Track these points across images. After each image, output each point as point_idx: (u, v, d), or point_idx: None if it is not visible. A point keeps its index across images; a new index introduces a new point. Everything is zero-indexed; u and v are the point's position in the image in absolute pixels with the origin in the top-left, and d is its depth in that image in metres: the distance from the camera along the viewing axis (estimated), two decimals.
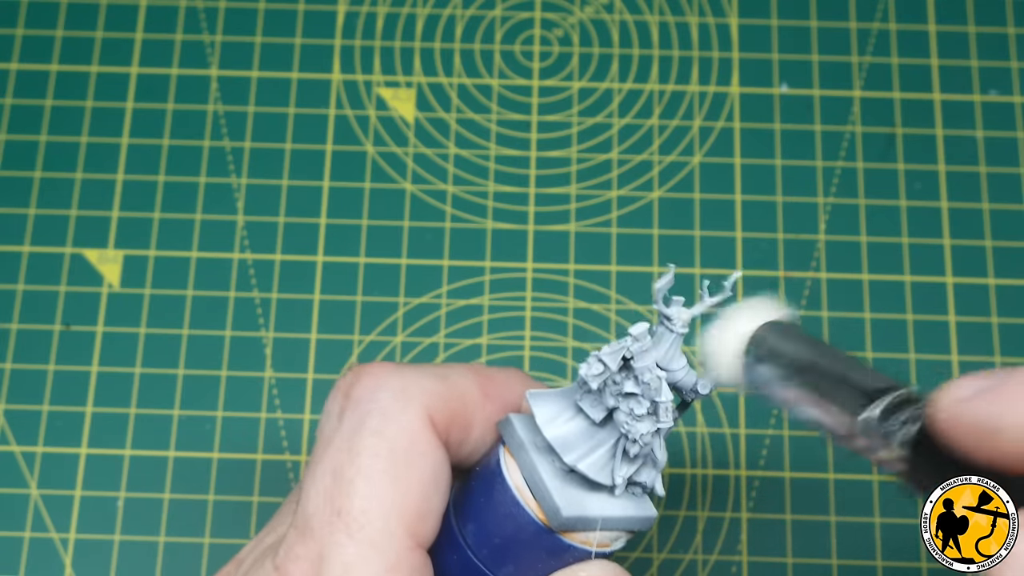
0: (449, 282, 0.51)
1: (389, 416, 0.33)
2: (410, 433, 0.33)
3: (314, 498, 0.33)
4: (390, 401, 0.34)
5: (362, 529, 0.32)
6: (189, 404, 0.49)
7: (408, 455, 0.33)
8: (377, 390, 0.34)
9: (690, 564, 0.47)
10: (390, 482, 0.33)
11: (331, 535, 0.32)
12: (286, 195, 0.52)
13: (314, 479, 0.33)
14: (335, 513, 0.32)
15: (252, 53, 0.54)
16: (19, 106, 0.53)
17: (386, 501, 0.32)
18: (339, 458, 0.33)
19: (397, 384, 0.34)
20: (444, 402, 0.34)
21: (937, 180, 0.52)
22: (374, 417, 0.33)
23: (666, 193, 0.52)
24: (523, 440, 0.34)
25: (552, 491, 0.33)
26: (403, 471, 0.33)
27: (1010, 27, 0.55)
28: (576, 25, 0.55)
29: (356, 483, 0.32)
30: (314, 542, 0.32)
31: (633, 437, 0.33)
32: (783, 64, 0.54)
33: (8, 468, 0.48)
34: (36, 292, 0.50)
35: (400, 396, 0.34)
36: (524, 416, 0.35)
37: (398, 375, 0.34)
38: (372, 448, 0.33)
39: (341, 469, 0.33)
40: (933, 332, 0.50)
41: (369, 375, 0.34)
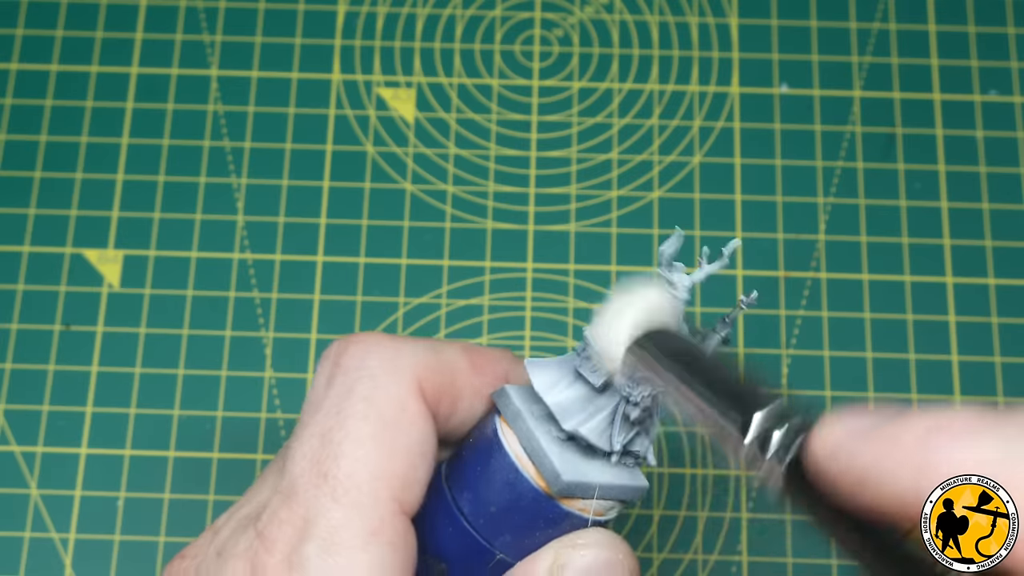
0: (449, 282, 0.51)
1: (379, 383, 0.33)
2: (399, 400, 0.33)
3: (300, 461, 0.33)
4: (380, 368, 0.33)
5: (348, 492, 0.32)
6: (189, 404, 0.49)
7: (396, 422, 0.33)
8: (367, 357, 0.34)
9: (690, 564, 0.47)
10: (378, 447, 0.33)
11: (316, 498, 0.32)
12: (286, 195, 0.52)
13: (301, 443, 0.33)
14: (321, 476, 0.32)
15: (252, 53, 0.54)
16: (19, 106, 0.53)
17: (373, 465, 0.32)
18: (327, 422, 0.33)
19: (388, 352, 0.34)
20: (434, 372, 0.34)
21: (937, 180, 0.52)
22: (364, 383, 0.33)
23: (666, 193, 0.52)
24: (519, 409, 0.34)
25: (552, 456, 0.33)
26: (391, 437, 0.33)
27: (1010, 27, 0.55)
28: (576, 25, 0.55)
29: (344, 447, 0.32)
30: (299, 505, 0.32)
31: (635, 400, 0.33)
32: (783, 64, 0.54)
33: (8, 468, 0.48)
34: (36, 292, 0.50)
35: (390, 364, 0.34)
36: (519, 387, 0.35)
37: (389, 343, 0.34)
38: (361, 412, 0.33)
39: (329, 433, 0.33)
40: (933, 332, 0.50)
41: (359, 342, 0.34)
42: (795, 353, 0.50)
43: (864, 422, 0.27)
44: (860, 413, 0.27)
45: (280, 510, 0.33)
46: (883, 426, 0.26)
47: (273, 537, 0.32)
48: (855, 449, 0.26)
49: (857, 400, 0.49)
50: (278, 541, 0.32)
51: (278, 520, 0.32)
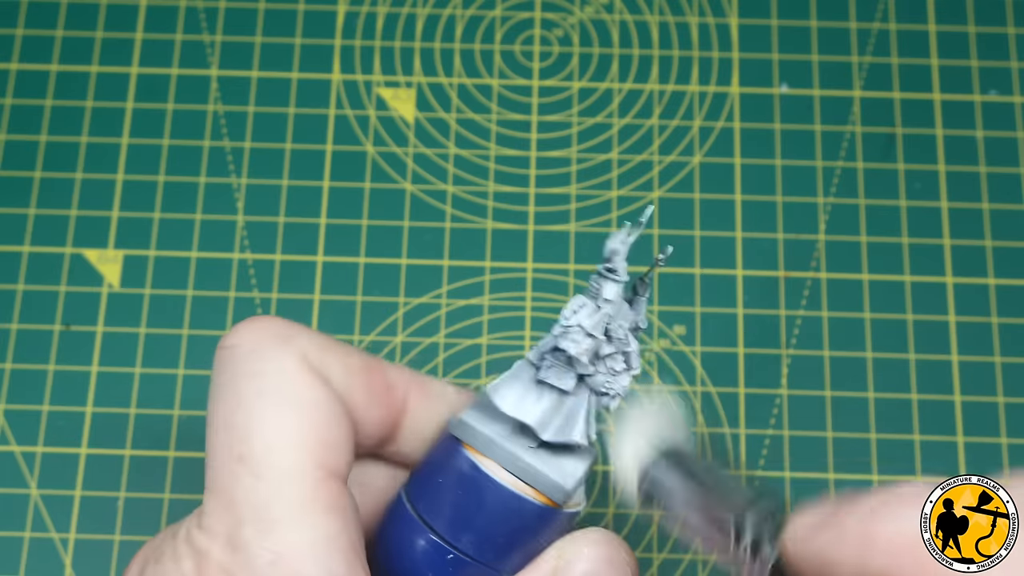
0: (449, 282, 0.51)
1: (267, 356, 0.33)
2: (291, 369, 0.33)
3: (215, 454, 0.32)
4: (268, 343, 0.33)
5: (269, 468, 0.31)
6: (189, 404, 0.49)
7: (294, 389, 0.32)
8: (252, 333, 0.33)
9: (690, 564, 0.47)
10: (283, 416, 0.32)
11: (237, 480, 0.32)
12: (286, 195, 0.52)
13: (211, 438, 0.33)
14: (237, 460, 0.32)
15: (252, 53, 0.54)
16: (19, 106, 0.53)
17: (284, 435, 0.32)
18: (227, 407, 0.32)
19: (274, 330, 0.33)
20: (322, 347, 0.34)
21: (937, 180, 0.52)
22: (252, 359, 0.33)
23: (666, 193, 0.52)
24: (489, 436, 0.34)
25: (544, 471, 0.33)
26: (293, 404, 0.32)
27: (1010, 27, 0.55)
28: (576, 25, 0.55)
29: (249, 426, 0.32)
30: (224, 492, 0.32)
31: (615, 393, 0.34)
32: (783, 64, 0.54)
33: (8, 468, 0.48)
34: (36, 292, 0.50)
35: (277, 340, 0.33)
36: (472, 412, 0.35)
37: (275, 322, 0.34)
38: (256, 388, 0.32)
39: (231, 416, 0.32)
40: (933, 332, 0.50)
41: (245, 324, 0.34)
42: (795, 353, 0.50)
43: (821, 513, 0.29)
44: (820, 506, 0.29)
45: (209, 501, 0.32)
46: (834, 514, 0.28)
47: (209, 524, 0.32)
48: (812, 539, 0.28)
49: (856, 401, 0.49)
50: (214, 526, 0.32)
51: (209, 510, 0.32)
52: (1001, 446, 0.48)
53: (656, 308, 0.50)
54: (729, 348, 0.50)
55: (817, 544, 0.28)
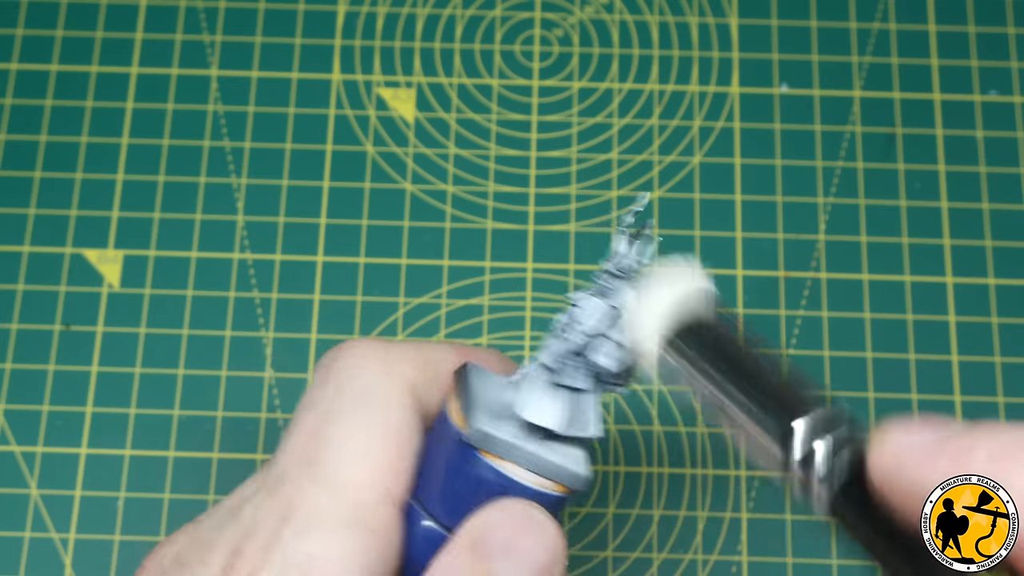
0: (449, 282, 0.51)
1: (370, 380, 0.33)
2: (390, 396, 0.33)
3: (288, 454, 0.33)
4: (372, 368, 0.34)
5: (333, 476, 0.32)
6: (189, 404, 0.49)
7: (386, 416, 0.33)
8: (360, 359, 0.34)
9: (690, 564, 0.47)
10: (366, 437, 0.33)
11: (300, 482, 0.32)
12: (286, 195, 0.52)
13: (290, 438, 0.33)
14: (307, 463, 0.32)
15: (252, 53, 0.54)
16: (19, 106, 0.53)
17: (360, 452, 0.32)
18: (317, 419, 0.33)
19: (379, 353, 0.34)
20: (422, 370, 0.34)
21: (937, 180, 0.52)
22: (356, 381, 0.33)
23: (666, 193, 0.52)
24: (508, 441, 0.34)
25: (566, 464, 0.33)
26: (380, 427, 0.33)
27: (1010, 27, 0.55)
28: (576, 25, 0.55)
29: (332, 437, 0.32)
30: (284, 492, 0.32)
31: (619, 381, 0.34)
32: (783, 64, 0.54)
33: (8, 468, 0.48)
34: (36, 292, 0.50)
35: (384, 367, 0.34)
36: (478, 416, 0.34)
37: (380, 346, 0.34)
38: (351, 407, 0.33)
39: (318, 427, 0.33)
40: (933, 332, 0.50)
41: (353, 347, 0.34)
42: (795, 353, 0.50)
43: (926, 436, 0.26)
44: (917, 426, 0.26)
45: (266, 500, 0.32)
46: (948, 443, 0.25)
47: (257, 522, 0.32)
48: (919, 464, 0.25)
49: (856, 400, 0.49)
50: (260, 526, 0.32)
51: (264, 508, 0.32)
52: None
53: None
54: None
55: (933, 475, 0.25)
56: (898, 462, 0.26)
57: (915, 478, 0.25)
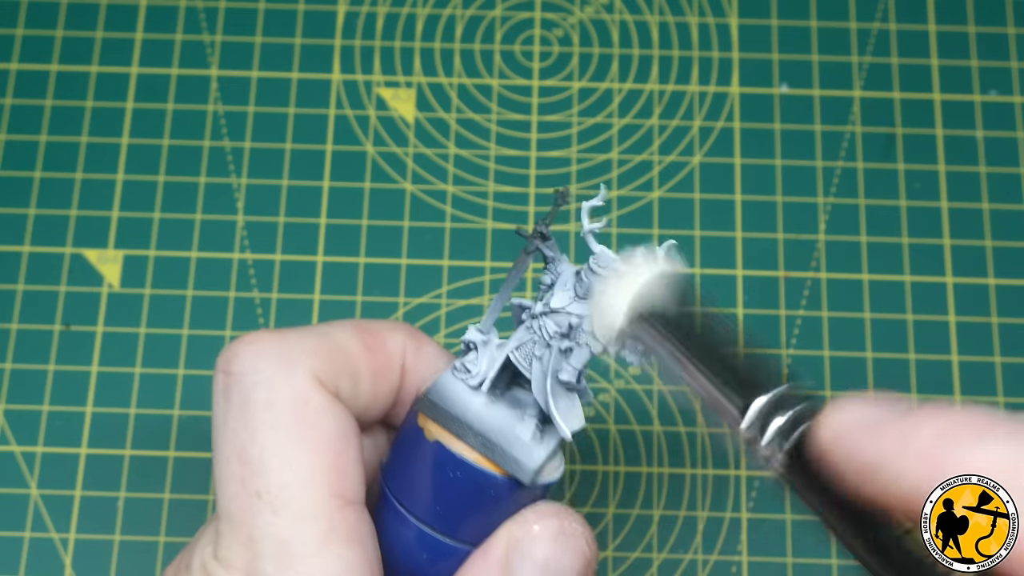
0: (449, 282, 0.51)
1: (275, 384, 0.33)
2: (301, 396, 0.33)
3: (228, 484, 0.32)
4: (271, 369, 0.33)
5: (287, 504, 0.32)
6: (189, 404, 0.49)
7: (306, 418, 0.32)
8: (257, 359, 0.33)
9: (690, 564, 0.47)
10: (298, 450, 0.32)
11: (256, 517, 0.32)
12: (286, 195, 0.52)
13: (221, 467, 0.33)
14: (255, 496, 0.32)
15: (252, 53, 0.54)
16: (19, 106, 0.53)
17: (300, 470, 0.32)
18: (239, 440, 0.32)
19: (275, 350, 0.33)
20: (326, 360, 0.33)
21: (937, 180, 0.52)
22: (260, 389, 0.33)
23: (666, 193, 0.52)
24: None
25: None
26: (306, 435, 0.32)
27: (1010, 27, 0.55)
28: (576, 25, 0.55)
29: (264, 461, 0.32)
30: (242, 527, 0.32)
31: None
32: (783, 64, 0.54)
33: (8, 468, 0.48)
34: (36, 292, 0.50)
35: (282, 362, 0.33)
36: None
37: (275, 340, 0.33)
38: (268, 421, 0.32)
39: (244, 450, 0.32)
40: (933, 332, 0.50)
41: (246, 345, 0.33)
42: (795, 353, 0.50)
43: (874, 413, 0.27)
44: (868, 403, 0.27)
45: (226, 532, 0.32)
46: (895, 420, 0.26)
47: (227, 557, 0.32)
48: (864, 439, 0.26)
49: None
50: (233, 560, 0.32)
51: (227, 543, 0.32)
52: None
53: None
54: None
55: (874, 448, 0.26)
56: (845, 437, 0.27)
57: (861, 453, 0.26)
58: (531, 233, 0.35)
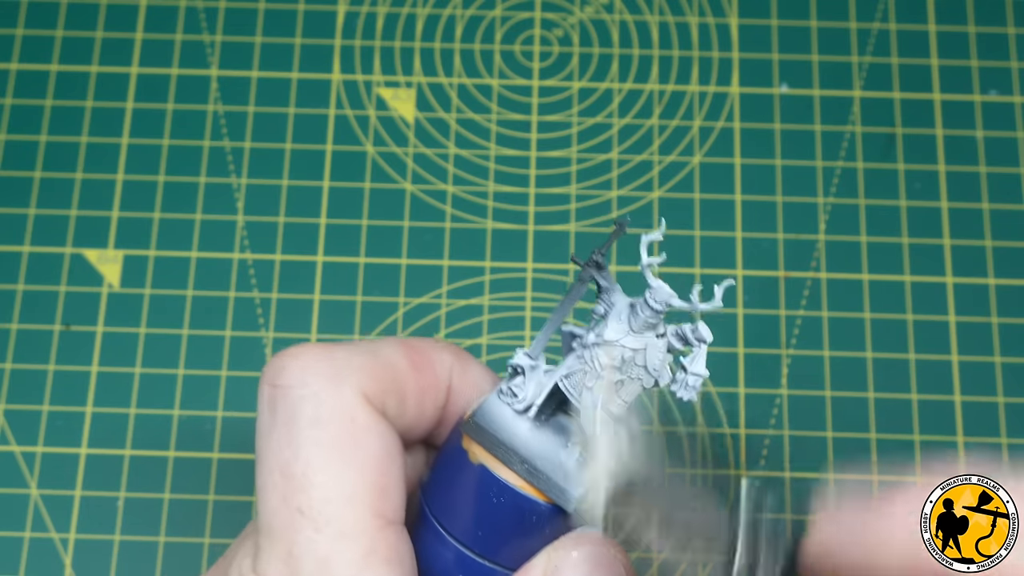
0: (449, 282, 0.51)
1: (323, 401, 0.32)
2: (348, 413, 0.32)
3: (270, 499, 0.32)
4: (320, 385, 0.33)
5: (329, 523, 0.31)
6: (189, 404, 0.49)
7: (352, 436, 0.32)
8: (305, 374, 0.33)
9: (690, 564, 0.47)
10: (342, 468, 0.32)
11: (297, 533, 0.32)
12: (286, 195, 0.52)
13: (264, 480, 0.33)
14: (297, 512, 0.32)
15: (252, 53, 0.54)
16: (19, 106, 0.53)
17: (344, 488, 0.32)
18: (283, 455, 0.32)
19: (324, 366, 0.33)
20: (374, 378, 0.33)
21: (937, 180, 0.52)
22: (307, 404, 0.32)
23: (666, 193, 0.52)
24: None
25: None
26: (351, 453, 0.32)
27: (1010, 27, 0.55)
28: (576, 25, 0.55)
29: (308, 477, 0.32)
30: (282, 543, 0.32)
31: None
32: (783, 64, 0.54)
33: (8, 468, 0.48)
34: (36, 292, 0.50)
35: (329, 378, 0.33)
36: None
37: (324, 356, 0.33)
38: (313, 438, 0.32)
39: (288, 466, 0.32)
40: (933, 332, 0.50)
41: (293, 359, 0.33)
42: (795, 353, 0.50)
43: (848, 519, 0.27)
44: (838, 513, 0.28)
45: (265, 547, 0.32)
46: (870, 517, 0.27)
47: (266, 572, 0.32)
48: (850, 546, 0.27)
49: (857, 400, 0.49)
50: (272, 574, 0.32)
51: (265, 557, 0.32)
52: (1001, 446, 0.48)
53: None
54: (729, 348, 0.50)
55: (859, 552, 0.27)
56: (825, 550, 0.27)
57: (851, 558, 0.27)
58: (586, 262, 0.35)
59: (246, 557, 0.33)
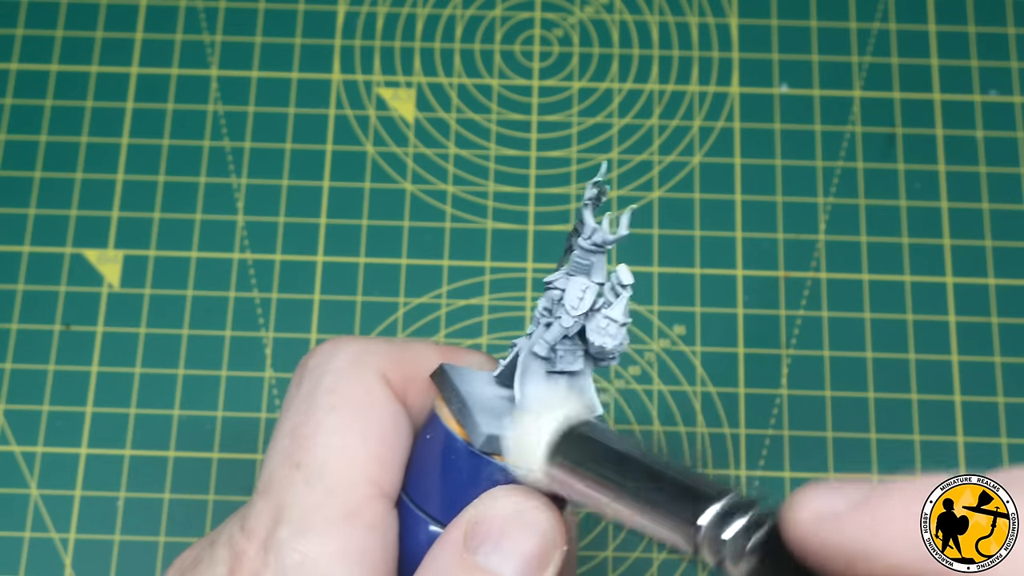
0: (449, 282, 0.51)
1: (342, 375, 0.34)
2: (364, 387, 0.34)
3: (274, 458, 0.33)
4: (344, 363, 0.34)
5: (321, 478, 0.32)
6: (189, 404, 0.49)
7: (363, 407, 0.33)
8: (332, 356, 0.34)
9: (690, 564, 0.47)
10: (347, 432, 0.33)
11: (291, 486, 0.32)
12: (286, 195, 0.52)
13: (274, 442, 0.34)
14: (294, 467, 0.33)
15: (252, 53, 0.54)
16: (19, 106, 0.53)
17: (344, 450, 0.33)
18: (296, 419, 0.33)
19: (352, 348, 0.34)
20: (399, 364, 0.35)
21: (937, 180, 0.52)
22: (328, 377, 0.34)
23: (666, 193, 0.52)
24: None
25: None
26: (359, 421, 0.33)
27: (1010, 27, 0.55)
28: (576, 25, 0.55)
29: (313, 437, 0.33)
30: (274, 495, 0.33)
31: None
32: (783, 64, 0.54)
33: (8, 468, 0.48)
34: (36, 292, 0.50)
35: (355, 359, 0.34)
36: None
37: (354, 342, 0.35)
38: (327, 404, 0.33)
39: (299, 428, 0.33)
40: (933, 332, 0.50)
41: (327, 344, 0.35)
42: (795, 353, 0.50)
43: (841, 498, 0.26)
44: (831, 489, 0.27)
45: (258, 502, 0.33)
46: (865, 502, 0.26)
47: (252, 527, 0.33)
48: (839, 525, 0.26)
49: (856, 401, 0.49)
50: (257, 528, 0.32)
51: (256, 511, 0.33)
52: (1001, 446, 0.48)
53: (656, 308, 0.50)
54: (729, 348, 0.50)
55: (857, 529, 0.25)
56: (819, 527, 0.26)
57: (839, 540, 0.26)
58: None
59: (236, 522, 0.34)
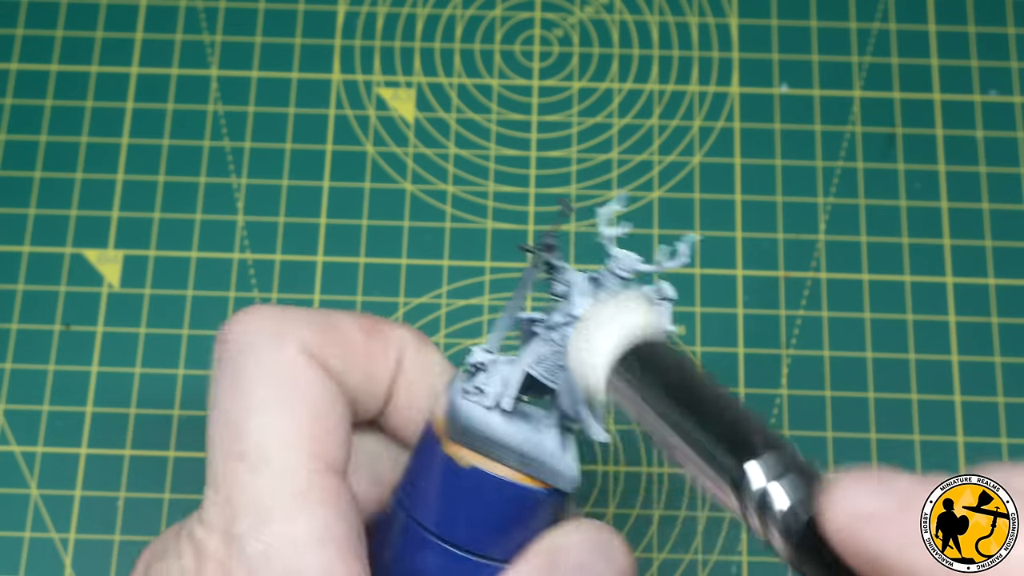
0: (449, 282, 0.51)
1: (262, 351, 0.33)
2: (286, 362, 0.33)
3: (215, 447, 0.33)
4: (263, 337, 0.33)
5: (264, 463, 0.32)
6: (189, 404, 0.49)
7: (290, 382, 0.33)
8: (249, 328, 0.34)
9: (690, 564, 0.47)
10: (277, 413, 0.33)
11: (236, 476, 0.32)
12: (286, 195, 0.52)
13: (211, 431, 0.33)
14: (237, 458, 0.32)
15: (252, 53, 0.54)
16: (19, 106, 0.53)
17: (279, 430, 0.32)
18: (224, 404, 0.33)
19: (270, 322, 0.34)
20: (318, 332, 0.34)
21: (937, 180, 0.52)
22: (247, 354, 0.33)
23: (666, 193, 0.52)
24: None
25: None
26: (288, 397, 0.33)
27: (1010, 27, 0.55)
28: (576, 25, 0.55)
29: (247, 423, 0.32)
30: (223, 487, 0.32)
31: None
32: (783, 64, 0.54)
33: (8, 468, 0.48)
34: (36, 292, 0.50)
35: (273, 331, 0.34)
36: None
37: (274, 312, 0.34)
38: (251, 387, 0.33)
39: (228, 415, 0.33)
40: (933, 332, 0.50)
41: (243, 315, 0.34)
42: (795, 353, 0.50)
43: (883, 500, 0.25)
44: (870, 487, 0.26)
45: (209, 496, 0.33)
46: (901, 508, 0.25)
47: (210, 519, 0.33)
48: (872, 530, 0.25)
49: (856, 401, 0.49)
50: (214, 521, 0.32)
51: (209, 503, 0.33)
52: (1001, 446, 0.48)
53: None
54: (729, 348, 0.50)
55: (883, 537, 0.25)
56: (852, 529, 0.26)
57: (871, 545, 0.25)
58: (537, 246, 0.35)
59: (195, 515, 0.34)
